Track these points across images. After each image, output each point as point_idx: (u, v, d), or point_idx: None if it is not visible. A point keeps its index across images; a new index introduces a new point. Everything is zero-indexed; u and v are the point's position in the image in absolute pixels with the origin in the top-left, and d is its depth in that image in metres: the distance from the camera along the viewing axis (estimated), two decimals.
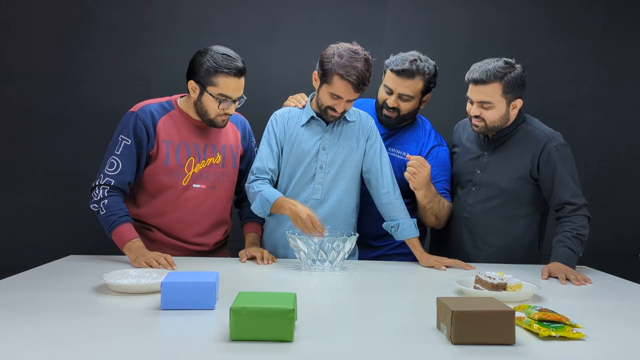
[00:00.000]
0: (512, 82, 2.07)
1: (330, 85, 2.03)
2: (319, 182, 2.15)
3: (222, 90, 2.04)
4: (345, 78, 1.99)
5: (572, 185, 2.11)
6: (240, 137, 2.28)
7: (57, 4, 2.86)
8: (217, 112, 2.08)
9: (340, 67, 1.99)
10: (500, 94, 2.08)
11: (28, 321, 1.31)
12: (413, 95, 2.23)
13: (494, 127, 2.15)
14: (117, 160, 2.06)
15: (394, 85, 2.22)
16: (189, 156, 2.13)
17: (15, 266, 1.90)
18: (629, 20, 3.13)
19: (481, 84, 2.07)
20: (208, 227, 2.20)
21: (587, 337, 1.27)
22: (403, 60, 2.20)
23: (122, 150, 2.07)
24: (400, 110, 2.26)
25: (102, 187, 2.05)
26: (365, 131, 2.20)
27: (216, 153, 2.19)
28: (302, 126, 2.17)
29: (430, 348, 1.20)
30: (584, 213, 2.10)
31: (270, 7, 2.96)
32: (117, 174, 2.06)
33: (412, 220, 2.16)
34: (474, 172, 2.23)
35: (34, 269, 1.89)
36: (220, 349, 1.16)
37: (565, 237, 2.05)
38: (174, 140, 2.12)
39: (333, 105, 2.08)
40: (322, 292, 1.73)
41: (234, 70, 2.03)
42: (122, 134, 2.08)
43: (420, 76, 2.20)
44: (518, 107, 2.14)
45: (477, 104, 2.11)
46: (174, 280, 1.44)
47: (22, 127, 2.88)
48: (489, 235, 2.22)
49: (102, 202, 2.03)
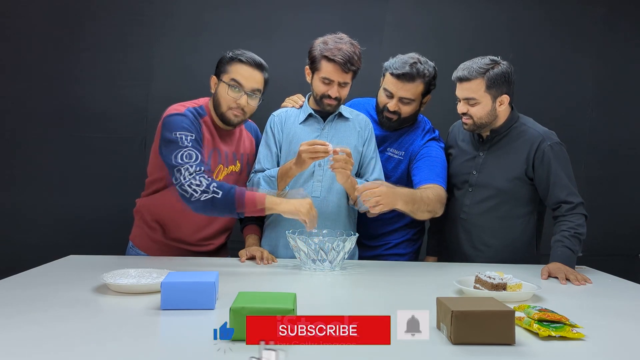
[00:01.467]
0: (495, 77, 2.08)
1: (320, 71, 2.10)
2: (318, 180, 2.16)
3: (233, 75, 2.06)
4: (331, 59, 2.06)
5: (567, 184, 2.11)
6: (255, 144, 2.30)
7: (56, 4, 2.86)
8: (227, 102, 2.07)
9: (326, 50, 2.07)
10: (484, 90, 2.10)
11: (28, 321, 1.31)
12: (414, 98, 2.24)
13: (482, 124, 2.15)
14: (193, 151, 1.95)
15: (394, 89, 2.22)
16: (219, 163, 2.13)
17: (15, 266, 1.90)
18: (629, 20, 3.13)
19: (465, 81, 2.11)
20: (217, 231, 2.21)
21: (587, 337, 1.27)
22: (403, 64, 2.19)
23: (191, 143, 1.96)
24: (401, 113, 2.26)
25: (198, 175, 1.91)
26: (362, 130, 2.22)
27: (236, 161, 2.20)
28: (299, 124, 2.19)
29: (430, 348, 1.19)
30: (580, 211, 2.10)
31: (270, 7, 2.97)
32: (199, 162, 1.94)
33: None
34: (469, 172, 2.23)
35: (34, 269, 1.89)
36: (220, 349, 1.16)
37: (563, 237, 2.05)
38: (209, 146, 2.11)
39: (326, 91, 2.10)
40: (322, 292, 1.73)
41: (246, 58, 2.07)
42: (181, 130, 1.98)
43: (420, 79, 2.20)
44: (505, 103, 2.14)
45: (464, 101, 2.14)
46: (174, 280, 1.44)
47: (21, 127, 2.88)
48: (486, 236, 2.22)
49: (213, 186, 1.90)
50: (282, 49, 2.96)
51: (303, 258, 1.96)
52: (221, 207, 1.92)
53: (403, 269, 2.11)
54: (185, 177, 1.91)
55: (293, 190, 2.09)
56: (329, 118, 2.20)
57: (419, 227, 2.43)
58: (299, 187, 2.15)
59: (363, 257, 2.31)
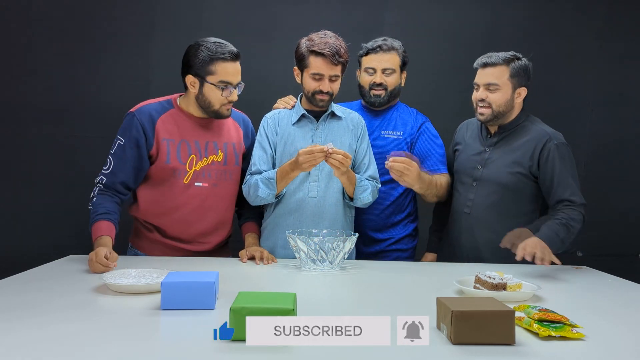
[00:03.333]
0: (519, 68, 2.17)
1: (309, 67, 2.13)
2: (314, 180, 2.16)
3: (221, 76, 2.05)
4: (318, 52, 2.09)
5: (572, 183, 2.12)
6: (242, 134, 2.28)
7: (57, 4, 2.86)
8: (220, 101, 2.08)
9: (312, 46, 2.10)
10: (508, 77, 2.16)
11: (28, 321, 1.31)
12: (394, 68, 2.35)
13: (499, 113, 2.18)
14: (110, 159, 2.10)
15: (375, 63, 2.34)
16: (190, 154, 2.13)
17: (15, 266, 1.90)
18: (629, 20, 3.13)
19: (490, 66, 2.17)
20: (211, 226, 2.19)
21: (587, 337, 1.27)
22: (374, 41, 2.35)
23: (115, 150, 2.09)
24: (387, 85, 2.35)
25: (96, 185, 2.09)
26: (355, 128, 2.24)
27: (218, 150, 2.18)
28: (293, 125, 2.20)
29: (430, 348, 1.19)
30: (580, 210, 2.10)
31: (270, 7, 2.97)
32: (108, 172, 2.08)
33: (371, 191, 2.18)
34: (475, 167, 2.25)
35: (34, 269, 1.89)
36: (220, 349, 1.16)
37: (554, 222, 2.05)
38: (174, 139, 2.12)
39: (318, 87, 2.13)
40: (322, 292, 1.73)
41: (229, 54, 2.05)
42: (119, 134, 2.11)
43: (394, 51, 2.34)
44: (522, 95, 2.20)
45: (484, 87, 2.18)
46: (174, 280, 1.44)
47: (22, 127, 2.88)
48: (488, 232, 2.22)
49: (92, 200, 2.05)
50: (282, 49, 2.95)
51: (303, 258, 1.96)
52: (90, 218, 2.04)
53: (403, 268, 2.11)
54: (96, 180, 2.10)
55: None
56: (322, 118, 2.21)
57: (416, 223, 2.49)
58: (295, 189, 2.15)
59: (368, 252, 2.34)
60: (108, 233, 1.96)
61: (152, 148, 2.10)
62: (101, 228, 1.97)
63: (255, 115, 2.39)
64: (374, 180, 2.22)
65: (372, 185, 2.18)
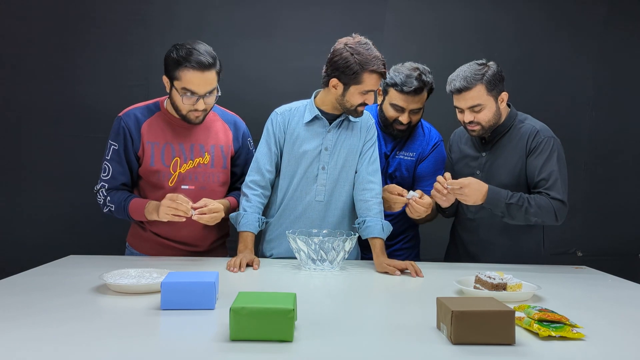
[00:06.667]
0: (492, 78, 2.11)
1: (362, 84, 2.01)
2: (322, 184, 2.13)
3: (184, 84, 2.00)
4: (376, 71, 2.01)
5: (555, 177, 2.10)
6: (232, 137, 2.23)
7: (55, 3, 2.86)
8: (186, 107, 2.05)
9: (366, 63, 1.99)
10: (486, 94, 2.11)
11: (28, 321, 1.31)
12: (422, 106, 2.32)
13: (490, 126, 2.17)
14: (108, 165, 2.12)
15: (404, 104, 2.26)
16: (174, 157, 2.12)
17: (15, 266, 1.91)
18: (629, 20, 3.13)
19: (465, 90, 2.10)
20: (200, 228, 2.15)
21: (587, 337, 1.27)
22: (409, 78, 2.22)
23: (111, 155, 2.11)
24: (412, 122, 2.32)
25: (100, 191, 2.13)
26: (365, 130, 2.19)
27: (204, 153, 2.16)
28: (304, 125, 2.14)
29: (430, 348, 1.20)
30: (552, 203, 2.07)
31: (270, 7, 2.96)
32: (109, 178, 2.12)
33: (382, 222, 2.10)
34: (473, 173, 2.24)
35: (34, 269, 1.89)
36: (220, 349, 1.16)
37: (515, 192, 2.08)
38: (159, 142, 2.11)
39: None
40: (322, 292, 1.73)
41: (194, 63, 1.96)
42: (110, 139, 2.12)
43: (426, 88, 2.28)
44: (505, 99, 2.17)
45: (468, 110, 2.14)
46: (174, 280, 1.44)
47: (21, 127, 2.87)
48: (492, 235, 2.22)
49: (107, 200, 2.10)
50: (281, 49, 2.95)
51: (303, 258, 1.96)
52: (120, 216, 2.12)
53: None
54: (95, 188, 2.14)
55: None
56: (335, 122, 2.14)
57: (414, 231, 2.50)
58: (301, 192, 2.13)
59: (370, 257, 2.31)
60: (148, 200, 2.08)
61: (139, 151, 2.11)
62: (139, 201, 2.08)
63: (255, 115, 2.39)
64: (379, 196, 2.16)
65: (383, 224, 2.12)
